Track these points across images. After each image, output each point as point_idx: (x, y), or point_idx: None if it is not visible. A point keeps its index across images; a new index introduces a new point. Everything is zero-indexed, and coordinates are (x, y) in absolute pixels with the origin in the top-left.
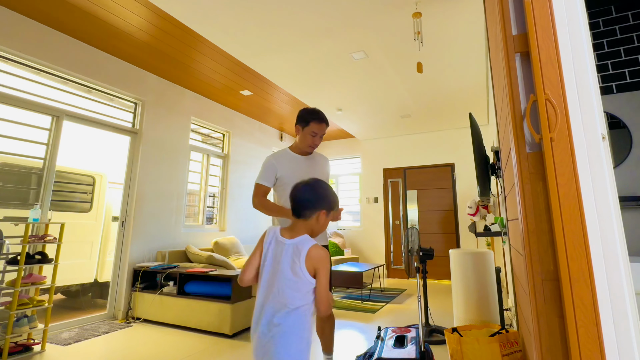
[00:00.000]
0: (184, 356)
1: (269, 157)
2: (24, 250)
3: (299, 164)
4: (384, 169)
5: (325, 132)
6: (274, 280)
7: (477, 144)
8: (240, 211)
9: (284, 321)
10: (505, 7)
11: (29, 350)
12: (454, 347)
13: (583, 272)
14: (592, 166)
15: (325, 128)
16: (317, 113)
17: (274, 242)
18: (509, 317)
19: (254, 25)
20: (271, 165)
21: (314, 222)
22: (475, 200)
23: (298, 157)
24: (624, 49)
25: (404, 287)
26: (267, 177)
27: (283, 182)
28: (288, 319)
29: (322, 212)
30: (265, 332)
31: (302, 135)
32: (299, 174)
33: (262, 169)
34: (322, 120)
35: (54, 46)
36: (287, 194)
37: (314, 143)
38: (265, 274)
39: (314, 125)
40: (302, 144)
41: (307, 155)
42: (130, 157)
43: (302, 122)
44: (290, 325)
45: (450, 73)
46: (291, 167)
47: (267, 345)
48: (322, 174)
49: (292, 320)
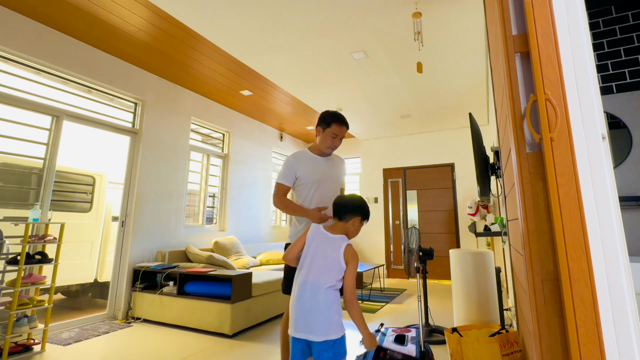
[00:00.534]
0: (184, 356)
1: (289, 156)
2: (24, 250)
3: (318, 164)
4: (384, 169)
5: (345, 135)
6: (312, 261)
7: (477, 144)
8: (240, 211)
9: (325, 291)
10: (505, 7)
11: (29, 350)
12: (454, 347)
13: (583, 272)
14: (592, 166)
15: (346, 131)
16: (339, 115)
17: (318, 234)
18: (509, 317)
19: (254, 25)
20: (291, 165)
21: (350, 225)
22: (475, 200)
23: (317, 158)
24: (624, 49)
25: (404, 287)
26: (287, 177)
27: (302, 182)
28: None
29: (357, 218)
30: (299, 297)
31: (322, 137)
32: (318, 174)
33: (282, 169)
34: (344, 123)
35: (54, 46)
36: (305, 193)
37: (334, 144)
38: (308, 257)
39: (335, 127)
40: (322, 145)
41: (325, 156)
42: (130, 157)
43: (324, 124)
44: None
45: (451, 73)
46: (310, 168)
47: (310, 312)
48: (339, 175)
49: (328, 293)
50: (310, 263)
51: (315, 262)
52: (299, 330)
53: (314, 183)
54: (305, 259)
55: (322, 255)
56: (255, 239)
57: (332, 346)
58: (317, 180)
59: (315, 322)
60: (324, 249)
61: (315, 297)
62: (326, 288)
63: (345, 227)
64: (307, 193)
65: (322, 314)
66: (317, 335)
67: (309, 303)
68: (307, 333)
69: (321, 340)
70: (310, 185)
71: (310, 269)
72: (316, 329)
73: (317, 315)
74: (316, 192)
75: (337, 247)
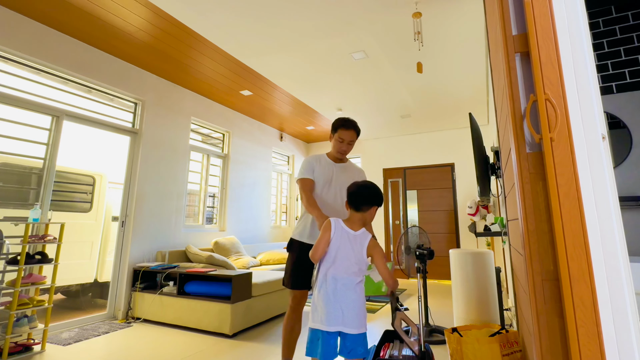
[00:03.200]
0: (184, 356)
1: (309, 157)
2: (24, 250)
3: (332, 169)
4: (384, 169)
5: (355, 140)
6: (338, 257)
7: (477, 144)
8: (240, 211)
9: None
10: (505, 7)
11: (29, 350)
12: (454, 347)
13: (583, 272)
14: (592, 166)
15: (354, 135)
16: (346, 120)
17: (341, 231)
18: (509, 317)
19: (254, 25)
20: (311, 163)
21: (367, 214)
22: (475, 200)
23: (332, 163)
24: (624, 49)
25: (404, 287)
26: (309, 172)
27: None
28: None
29: (374, 207)
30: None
31: (333, 142)
32: (328, 178)
33: (303, 167)
34: (350, 127)
35: (54, 46)
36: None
37: (342, 149)
38: (332, 252)
39: (341, 131)
40: (334, 149)
41: (340, 162)
42: (130, 157)
43: (333, 130)
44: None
45: (450, 73)
46: (324, 171)
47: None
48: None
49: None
50: (336, 259)
51: (341, 258)
52: (332, 324)
53: (325, 185)
54: (329, 255)
55: (349, 253)
56: (255, 239)
57: (363, 340)
58: (327, 183)
59: (351, 316)
60: (350, 246)
61: (348, 292)
62: (357, 284)
63: (363, 217)
64: (317, 193)
65: (356, 307)
66: (353, 328)
67: (343, 298)
68: (343, 326)
69: (356, 332)
70: (320, 186)
71: (338, 266)
72: (352, 322)
73: (352, 309)
74: (322, 194)
75: (362, 245)
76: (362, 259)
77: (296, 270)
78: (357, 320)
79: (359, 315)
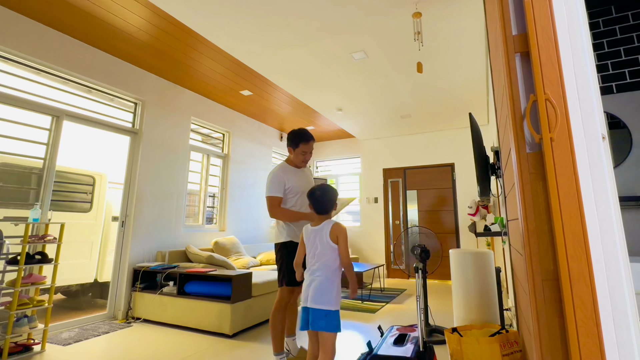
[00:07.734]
0: (184, 356)
1: (275, 171)
2: (24, 250)
3: (300, 175)
4: (383, 169)
5: (313, 148)
6: (315, 252)
7: (477, 144)
8: (240, 211)
9: (322, 273)
10: (505, 7)
11: (29, 350)
12: (454, 347)
13: (583, 272)
14: (592, 166)
15: (313, 143)
16: (302, 135)
17: (309, 232)
18: (509, 317)
19: (253, 25)
20: (279, 178)
21: (329, 215)
22: (475, 200)
23: (297, 170)
24: (624, 49)
25: (404, 287)
26: (278, 189)
27: (291, 192)
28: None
29: (334, 209)
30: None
31: (294, 155)
32: (302, 183)
33: (270, 183)
34: (309, 140)
35: (54, 46)
36: (295, 200)
37: (306, 159)
38: (311, 250)
39: (302, 146)
40: (296, 160)
41: (300, 168)
42: (130, 157)
43: (292, 145)
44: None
45: (450, 73)
46: (296, 179)
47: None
48: (311, 182)
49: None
50: (310, 253)
51: (313, 252)
52: (303, 302)
53: (300, 192)
54: (308, 252)
55: (316, 244)
56: (255, 239)
57: (324, 316)
58: (302, 189)
59: (314, 295)
60: (318, 238)
61: (316, 275)
62: (325, 267)
63: (325, 218)
64: (295, 201)
65: (322, 288)
66: (313, 303)
67: (312, 282)
68: (306, 302)
69: (315, 307)
70: (297, 194)
71: (312, 259)
72: (313, 299)
73: (317, 289)
74: (299, 200)
75: (325, 232)
76: (328, 244)
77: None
78: (319, 298)
79: (323, 294)
